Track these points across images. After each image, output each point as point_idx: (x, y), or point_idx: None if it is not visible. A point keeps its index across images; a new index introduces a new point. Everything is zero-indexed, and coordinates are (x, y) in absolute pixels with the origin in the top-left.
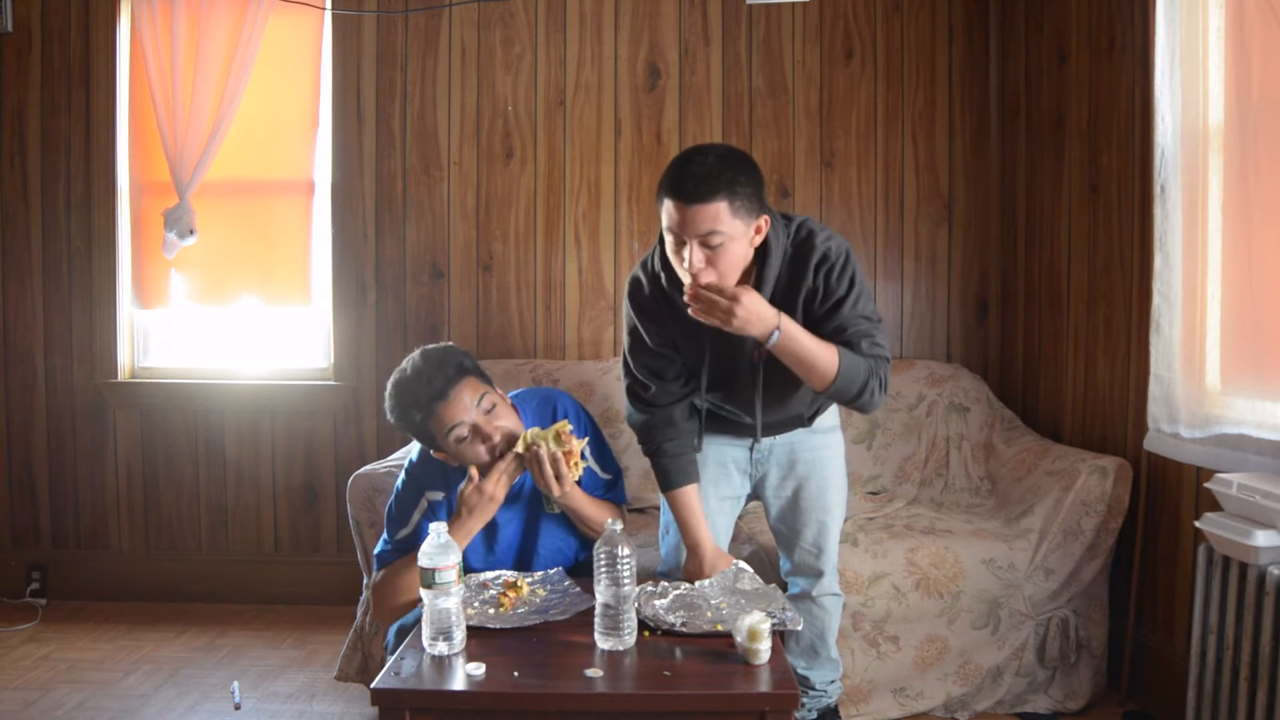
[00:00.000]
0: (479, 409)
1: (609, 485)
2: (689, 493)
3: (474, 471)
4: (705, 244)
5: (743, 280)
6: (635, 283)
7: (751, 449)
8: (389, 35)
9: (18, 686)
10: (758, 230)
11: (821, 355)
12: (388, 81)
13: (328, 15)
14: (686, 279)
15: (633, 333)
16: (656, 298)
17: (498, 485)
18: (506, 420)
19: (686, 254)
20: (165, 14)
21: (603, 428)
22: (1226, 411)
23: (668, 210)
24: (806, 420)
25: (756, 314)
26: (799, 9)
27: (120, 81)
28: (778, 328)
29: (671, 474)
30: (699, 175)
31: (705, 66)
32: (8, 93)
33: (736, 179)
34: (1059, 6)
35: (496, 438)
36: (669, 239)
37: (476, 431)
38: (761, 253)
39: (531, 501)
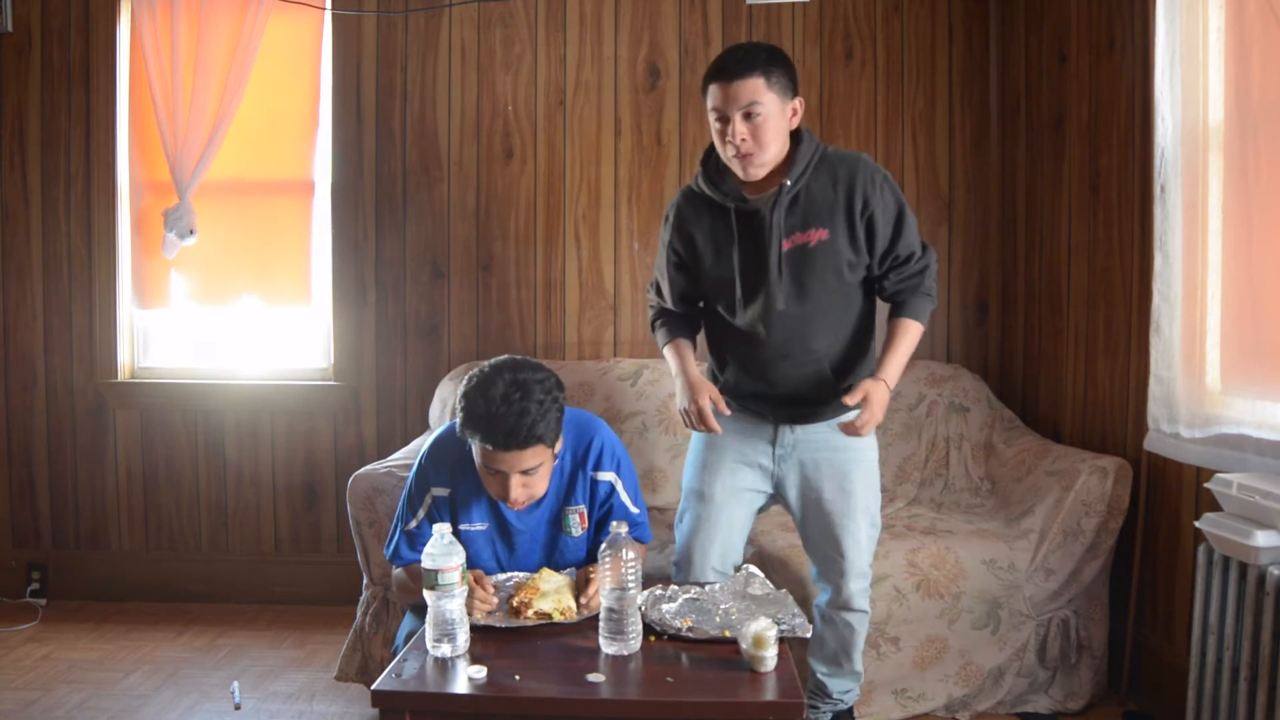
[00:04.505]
0: (522, 471)
1: (636, 522)
2: (682, 343)
3: (479, 583)
4: (747, 116)
5: (778, 169)
6: (675, 200)
7: (774, 443)
8: (389, 35)
9: (18, 686)
10: (794, 112)
11: (911, 345)
12: (388, 81)
13: (328, 15)
14: (734, 162)
15: (661, 246)
16: (697, 204)
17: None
18: (538, 487)
19: (731, 130)
20: (165, 14)
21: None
22: (1226, 411)
23: (712, 94)
24: (831, 371)
25: (883, 402)
26: (799, 9)
27: (120, 81)
28: (887, 383)
29: (672, 330)
30: (738, 58)
31: (705, 66)
32: (8, 93)
33: (771, 60)
34: (1059, 6)
35: (510, 497)
36: (714, 125)
37: (504, 482)
38: (795, 140)
39: (552, 521)
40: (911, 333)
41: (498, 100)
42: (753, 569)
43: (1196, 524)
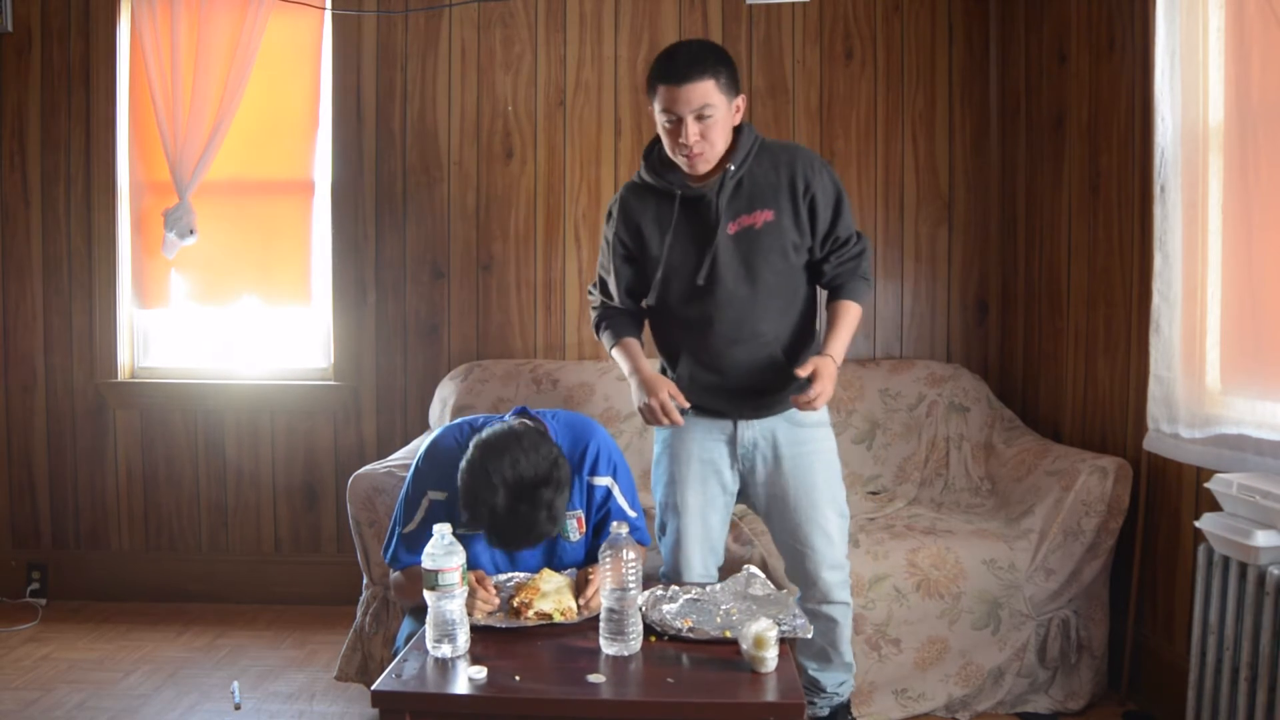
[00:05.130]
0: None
1: (634, 525)
2: (630, 342)
3: (480, 584)
4: (699, 117)
5: (721, 157)
6: (619, 195)
7: (734, 442)
8: (389, 35)
9: (18, 686)
10: (738, 109)
11: (853, 325)
12: (388, 81)
13: (328, 15)
14: (682, 160)
15: (605, 242)
16: (642, 194)
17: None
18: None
19: (684, 131)
20: (165, 14)
21: (604, 426)
22: (1226, 411)
23: (661, 95)
24: (782, 354)
25: (832, 376)
26: (799, 9)
27: (120, 81)
28: (834, 358)
29: (618, 331)
30: (688, 60)
31: None
32: (8, 93)
33: (719, 61)
34: (1059, 6)
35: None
36: (664, 123)
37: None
38: (735, 131)
39: None
40: (852, 313)
41: (498, 100)
42: (754, 569)
43: (1196, 524)
